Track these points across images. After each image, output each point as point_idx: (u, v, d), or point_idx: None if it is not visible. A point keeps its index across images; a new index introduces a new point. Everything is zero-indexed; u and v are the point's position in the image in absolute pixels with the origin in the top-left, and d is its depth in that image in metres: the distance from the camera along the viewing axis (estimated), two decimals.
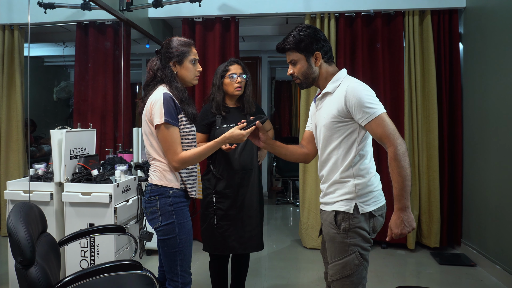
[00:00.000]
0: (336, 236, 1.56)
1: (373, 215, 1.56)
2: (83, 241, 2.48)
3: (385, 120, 1.47)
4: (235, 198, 2.21)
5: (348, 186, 1.56)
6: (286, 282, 2.93)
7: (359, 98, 1.49)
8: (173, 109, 1.68)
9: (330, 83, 1.61)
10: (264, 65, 5.95)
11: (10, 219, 1.35)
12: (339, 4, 3.54)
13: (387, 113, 1.51)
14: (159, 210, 1.71)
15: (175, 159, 1.67)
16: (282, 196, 5.96)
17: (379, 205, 1.58)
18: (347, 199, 1.55)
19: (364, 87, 1.54)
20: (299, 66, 1.62)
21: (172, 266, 1.72)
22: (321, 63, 1.61)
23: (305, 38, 1.58)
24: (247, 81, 2.26)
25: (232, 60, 2.27)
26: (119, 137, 3.49)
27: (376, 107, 1.48)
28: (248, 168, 2.23)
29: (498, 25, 2.98)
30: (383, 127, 1.46)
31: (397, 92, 3.57)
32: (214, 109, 2.22)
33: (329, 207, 1.60)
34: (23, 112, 2.96)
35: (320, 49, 1.59)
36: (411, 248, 3.51)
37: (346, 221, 1.54)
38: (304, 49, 1.59)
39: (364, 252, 1.55)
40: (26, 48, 2.95)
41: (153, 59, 1.83)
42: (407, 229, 1.47)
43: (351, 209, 1.54)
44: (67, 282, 1.36)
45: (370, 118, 1.47)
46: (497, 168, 2.97)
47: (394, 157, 1.45)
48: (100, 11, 3.02)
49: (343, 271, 1.54)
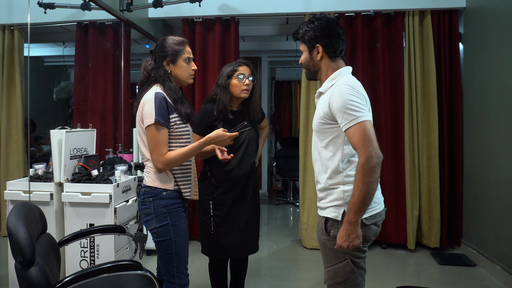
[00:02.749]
0: (327, 243, 1.53)
1: (364, 224, 1.47)
2: (83, 241, 2.48)
3: (365, 129, 1.37)
4: (233, 205, 2.16)
5: (337, 193, 1.50)
6: (286, 282, 2.93)
7: (342, 102, 1.41)
8: (164, 109, 1.67)
9: (325, 83, 1.56)
10: (264, 65, 5.95)
11: (10, 219, 1.35)
12: (339, 4, 3.54)
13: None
14: (153, 212, 1.71)
15: (160, 160, 1.66)
16: (282, 196, 5.96)
17: (372, 213, 1.50)
18: (335, 206, 1.50)
19: (351, 91, 1.43)
20: (303, 57, 1.61)
21: (168, 267, 1.72)
22: (324, 57, 1.56)
23: (310, 30, 1.55)
24: (254, 85, 2.17)
25: (240, 60, 2.15)
26: (119, 137, 3.49)
27: (358, 114, 1.39)
28: (247, 176, 2.17)
29: (498, 25, 2.98)
30: (359, 136, 1.37)
31: (397, 92, 3.56)
32: (218, 112, 2.11)
33: (321, 212, 1.57)
34: (23, 112, 2.96)
35: (322, 43, 1.53)
36: (411, 248, 3.51)
37: (335, 228, 1.49)
38: (307, 41, 1.57)
39: (357, 260, 1.49)
40: (26, 48, 2.95)
41: (148, 59, 1.82)
42: (346, 244, 1.40)
43: (339, 216, 1.49)
44: (67, 282, 1.36)
45: (349, 124, 1.39)
46: (497, 168, 2.97)
47: (360, 169, 1.36)
48: (100, 11, 3.02)
49: (335, 278, 1.50)
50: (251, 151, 2.18)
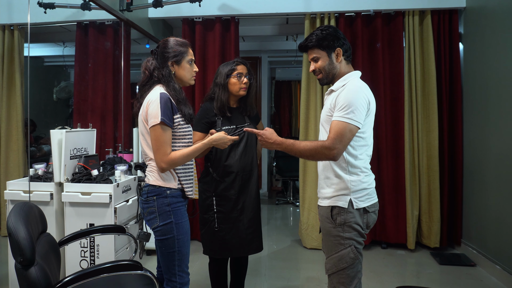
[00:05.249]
0: (332, 230, 1.64)
1: (367, 211, 1.65)
2: (83, 241, 2.48)
3: (346, 129, 1.54)
4: (237, 200, 2.18)
5: (343, 183, 1.63)
6: (286, 282, 2.93)
7: (348, 98, 1.57)
8: (169, 110, 1.68)
9: (337, 82, 1.70)
10: (264, 65, 5.95)
11: (10, 219, 1.35)
12: (339, 4, 3.54)
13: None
14: (156, 211, 1.71)
15: (165, 160, 1.67)
16: (282, 196, 5.96)
17: (372, 202, 1.68)
18: (342, 195, 1.63)
19: (360, 94, 1.60)
20: (321, 62, 1.70)
21: (170, 266, 1.72)
22: (341, 60, 1.70)
23: (328, 36, 1.68)
24: (251, 83, 2.24)
25: (238, 60, 2.23)
26: (119, 137, 3.49)
27: (350, 116, 1.55)
28: (248, 170, 2.21)
29: (498, 25, 2.98)
30: (338, 131, 1.55)
31: (397, 92, 3.56)
32: (217, 109, 2.18)
33: (326, 202, 1.68)
34: (23, 112, 2.96)
35: (341, 46, 1.69)
36: (411, 248, 3.51)
37: (342, 215, 1.63)
38: (326, 46, 1.68)
39: (358, 246, 1.64)
40: (26, 48, 2.95)
41: (149, 59, 1.82)
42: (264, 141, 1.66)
43: (346, 203, 1.62)
44: (67, 282, 1.36)
45: (339, 118, 1.56)
46: (497, 168, 2.97)
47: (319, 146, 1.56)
48: (100, 11, 3.02)
49: (339, 264, 1.62)
50: (252, 143, 2.22)
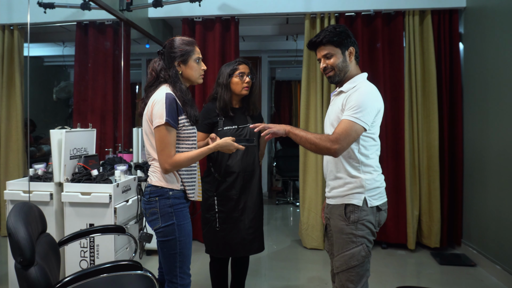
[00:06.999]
0: (345, 228, 1.64)
1: (380, 209, 1.67)
2: (83, 241, 2.47)
3: (352, 128, 1.55)
4: (238, 200, 2.18)
5: (358, 181, 1.64)
6: (286, 282, 2.93)
7: (359, 99, 1.58)
8: (175, 110, 1.66)
9: (347, 83, 1.70)
10: (264, 65, 5.95)
11: (10, 219, 1.35)
12: (339, 4, 3.54)
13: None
14: (159, 212, 1.70)
15: (168, 162, 1.66)
16: (282, 196, 5.96)
17: (384, 201, 1.70)
18: (357, 193, 1.64)
19: (372, 96, 1.62)
20: (334, 59, 1.69)
21: (171, 267, 1.71)
22: (353, 59, 1.70)
23: (342, 33, 1.67)
24: (254, 82, 2.24)
25: (240, 59, 2.23)
26: (119, 137, 3.48)
27: (359, 116, 1.56)
28: (250, 170, 2.21)
29: (498, 25, 2.98)
30: (345, 129, 1.55)
31: (397, 92, 3.56)
32: (219, 109, 2.18)
33: (339, 200, 1.68)
34: (22, 112, 2.96)
35: (354, 45, 1.69)
36: (411, 248, 3.50)
37: (355, 213, 1.63)
38: (340, 44, 1.67)
39: (369, 244, 1.65)
40: (26, 48, 2.95)
41: (155, 59, 1.80)
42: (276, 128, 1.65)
43: (360, 202, 1.63)
44: (67, 282, 1.36)
45: (348, 117, 1.57)
46: (497, 168, 2.97)
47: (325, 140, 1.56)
48: (100, 11, 3.02)
49: (349, 262, 1.62)
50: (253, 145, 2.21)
